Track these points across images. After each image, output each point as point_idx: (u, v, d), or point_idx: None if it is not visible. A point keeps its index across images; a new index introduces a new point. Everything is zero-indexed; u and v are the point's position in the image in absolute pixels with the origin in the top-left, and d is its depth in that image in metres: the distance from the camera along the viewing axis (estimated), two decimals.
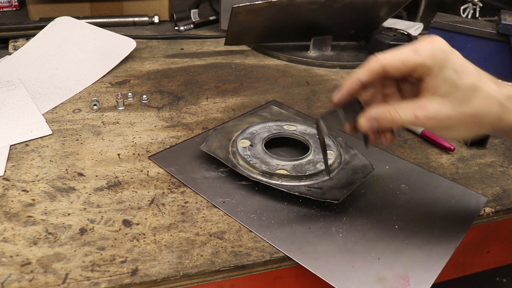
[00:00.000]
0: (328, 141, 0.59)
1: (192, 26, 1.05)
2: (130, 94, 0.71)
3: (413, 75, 0.41)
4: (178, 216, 0.48)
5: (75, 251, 0.42)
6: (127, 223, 0.46)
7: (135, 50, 0.85)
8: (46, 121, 0.63)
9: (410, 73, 0.41)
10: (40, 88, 0.72)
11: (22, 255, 0.42)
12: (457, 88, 0.39)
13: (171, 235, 0.45)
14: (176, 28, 1.04)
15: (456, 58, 0.40)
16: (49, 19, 0.89)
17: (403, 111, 0.41)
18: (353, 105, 0.45)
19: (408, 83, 0.44)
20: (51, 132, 0.61)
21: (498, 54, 0.75)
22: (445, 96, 0.39)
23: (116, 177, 0.53)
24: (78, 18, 0.90)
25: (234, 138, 0.59)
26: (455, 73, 0.39)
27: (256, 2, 0.81)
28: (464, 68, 0.40)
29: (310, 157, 0.56)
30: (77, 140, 0.60)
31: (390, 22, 1.08)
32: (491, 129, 0.42)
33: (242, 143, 0.58)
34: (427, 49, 0.40)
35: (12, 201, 0.48)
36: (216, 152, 0.56)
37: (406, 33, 0.94)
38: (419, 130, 0.65)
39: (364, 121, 0.43)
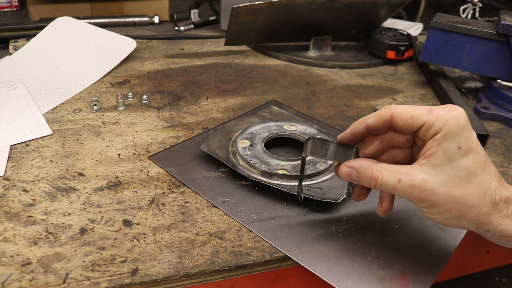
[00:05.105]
0: None
1: (192, 26, 1.05)
2: (130, 94, 0.71)
3: (419, 136, 0.39)
4: (178, 216, 0.48)
5: (75, 251, 0.43)
6: (127, 223, 0.46)
7: (135, 50, 0.85)
8: (47, 121, 0.63)
9: (416, 132, 0.39)
10: (40, 88, 0.72)
11: (22, 255, 0.42)
12: (453, 166, 0.36)
13: (171, 235, 0.45)
14: (176, 28, 1.04)
15: (468, 137, 0.37)
16: (50, 19, 0.89)
17: (388, 173, 0.38)
18: (348, 150, 0.43)
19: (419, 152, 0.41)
20: (51, 132, 0.61)
21: (498, 54, 0.75)
22: (436, 168, 0.37)
23: (116, 177, 0.53)
24: (78, 18, 0.90)
25: (234, 138, 0.59)
26: (458, 150, 0.36)
27: (256, 2, 0.81)
28: (471, 150, 0.37)
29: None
30: (77, 140, 0.60)
31: (390, 22, 1.08)
32: (476, 225, 0.38)
33: (242, 143, 0.58)
34: (442, 113, 0.37)
35: (13, 201, 0.48)
36: (216, 152, 0.56)
37: (406, 33, 0.94)
38: None
39: (344, 168, 0.41)
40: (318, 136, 0.60)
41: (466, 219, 0.38)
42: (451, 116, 0.37)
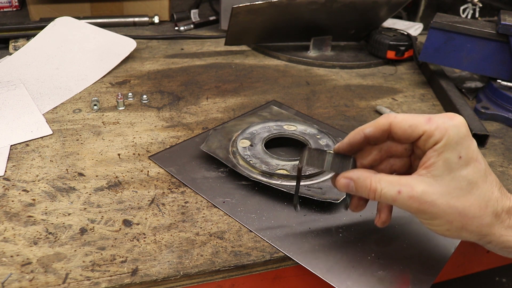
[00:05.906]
0: (328, 141, 0.59)
1: (192, 26, 1.05)
2: (130, 94, 0.71)
3: (418, 145, 0.38)
4: (178, 216, 0.48)
5: (75, 251, 0.43)
6: (127, 223, 0.46)
7: (135, 50, 0.85)
8: (47, 121, 0.63)
9: (416, 141, 0.38)
10: (40, 88, 0.72)
11: (22, 255, 0.42)
12: (454, 176, 0.36)
13: (171, 235, 0.45)
14: (176, 28, 1.04)
15: (469, 146, 0.36)
16: (50, 19, 0.89)
17: (387, 185, 0.37)
18: (346, 160, 0.41)
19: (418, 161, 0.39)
20: (51, 132, 0.61)
21: (498, 54, 0.75)
22: (437, 178, 0.36)
23: (116, 177, 0.53)
24: (78, 18, 0.90)
25: (234, 138, 0.59)
26: (459, 160, 0.36)
27: (256, 2, 0.81)
28: (472, 160, 0.36)
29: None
30: (77, 140, 0.60)
31: (390, 22, 1.08)
32: (477, 236, 0.38)
33: (242, 143, 0.58)
34: (442, 122, 0.36)
35: (13, 201, 0.48)
36: (216, 152, 0.56)
37: (406, 33, 0.94)
38: None
39: (342, 179, 0.40)
40: (314, 146, 0.59)
41: (468, 231, 0.37)
42: (452, 125, 0.36)
